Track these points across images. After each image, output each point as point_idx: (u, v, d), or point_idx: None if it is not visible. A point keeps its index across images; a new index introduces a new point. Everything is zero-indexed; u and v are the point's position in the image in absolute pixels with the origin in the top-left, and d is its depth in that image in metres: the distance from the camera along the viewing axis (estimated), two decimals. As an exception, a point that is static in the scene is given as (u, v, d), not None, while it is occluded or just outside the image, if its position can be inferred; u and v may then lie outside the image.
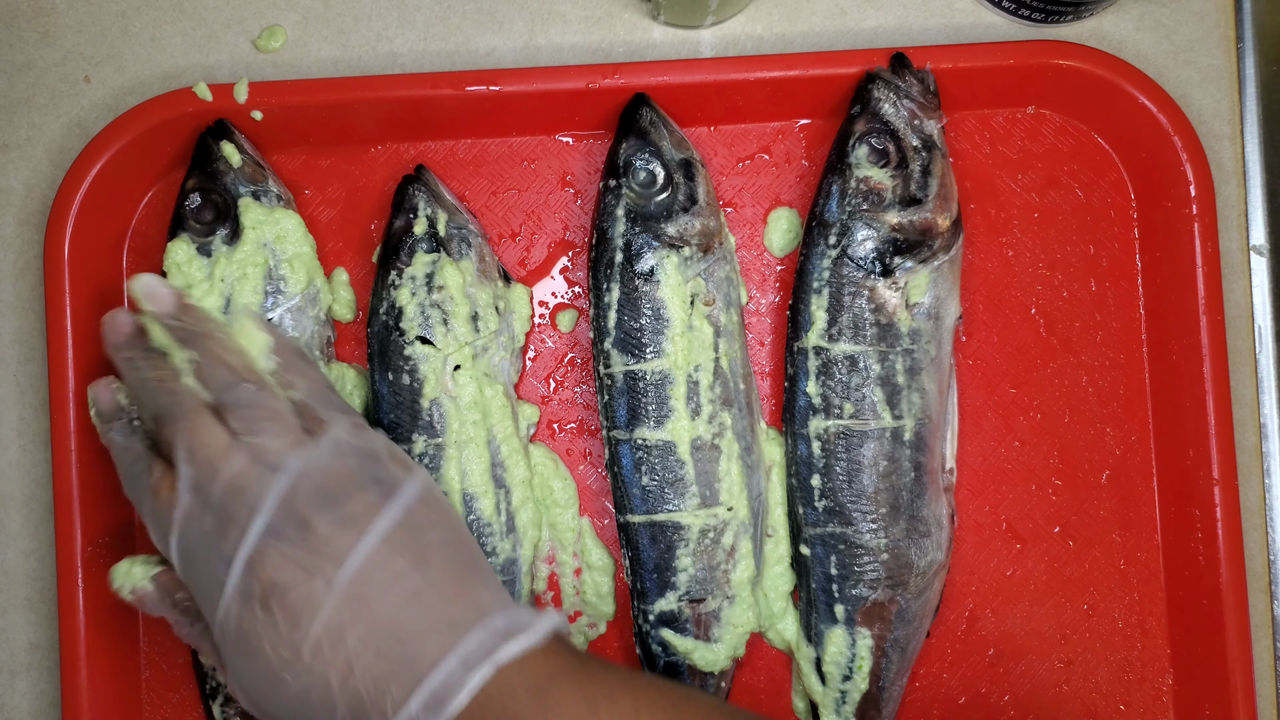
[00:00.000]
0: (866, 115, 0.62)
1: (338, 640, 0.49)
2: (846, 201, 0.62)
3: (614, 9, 0.67)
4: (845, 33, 0.68)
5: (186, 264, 0.62)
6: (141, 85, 0.67)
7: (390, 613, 0.49)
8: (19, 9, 0.67)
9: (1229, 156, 0.68)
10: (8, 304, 0.66)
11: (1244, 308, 0.67)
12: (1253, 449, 0.67)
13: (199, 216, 0.62)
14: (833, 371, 0.61)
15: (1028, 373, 0.66)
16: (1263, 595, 0.66)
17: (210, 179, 0.62)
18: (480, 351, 0.62)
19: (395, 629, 0.49)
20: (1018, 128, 0.67)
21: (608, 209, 0.62)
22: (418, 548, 0.51)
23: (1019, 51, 0.64)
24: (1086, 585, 0.66)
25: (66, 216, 0.62)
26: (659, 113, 0.63)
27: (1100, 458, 0.66)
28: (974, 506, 0.66)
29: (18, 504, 0.66)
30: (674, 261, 0.61)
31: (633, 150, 0.62)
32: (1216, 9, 0.68)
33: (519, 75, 0.63)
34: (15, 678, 0.66)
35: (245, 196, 0.62)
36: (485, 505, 0.61)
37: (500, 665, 0.49)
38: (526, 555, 0.63)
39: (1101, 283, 0.67)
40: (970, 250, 0.66)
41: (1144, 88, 0.64)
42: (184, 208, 0.62)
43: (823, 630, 0.62)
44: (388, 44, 0.67)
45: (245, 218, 0.62)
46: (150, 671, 0.65)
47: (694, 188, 0.62)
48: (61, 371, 0.62)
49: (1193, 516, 0.64)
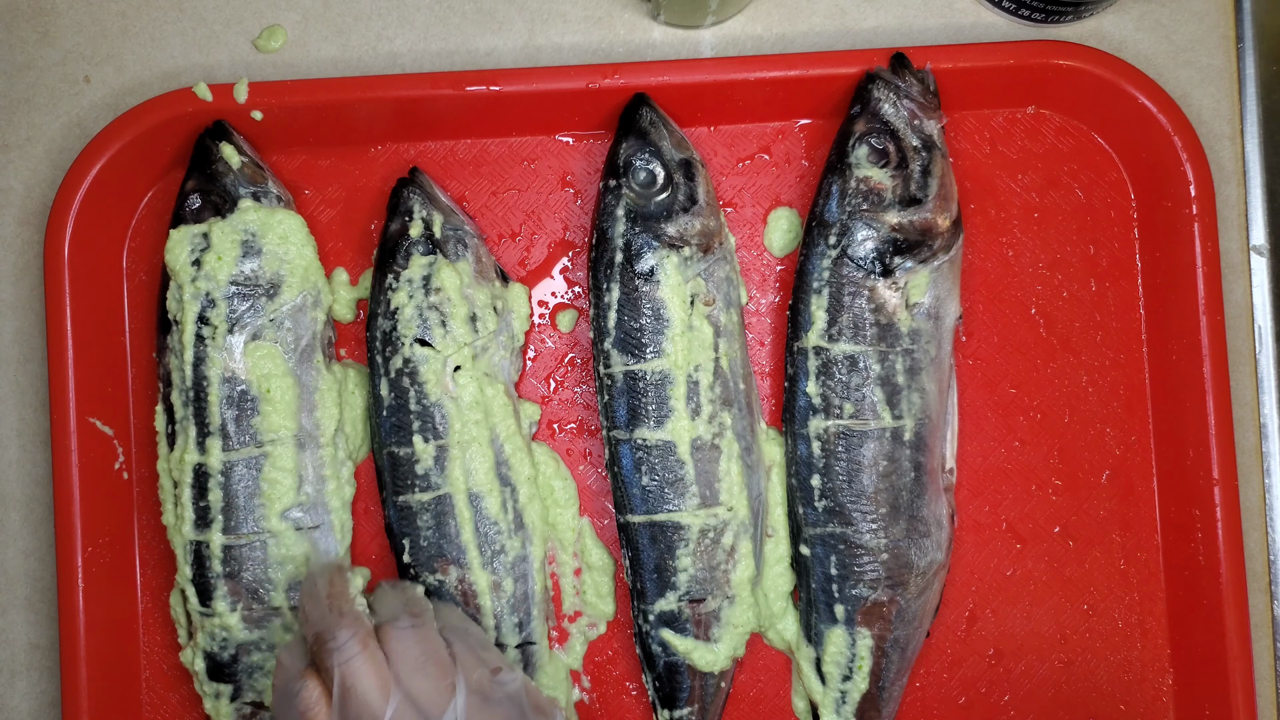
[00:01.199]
0: (866, 115, 0.62)
1: None
2: (846, 201, 0.62)
3: (614, 9, 0.67)
4: (845, 33, 0.68)
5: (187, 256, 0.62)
6: (141, 85, 0.67)
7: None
8: (19, 9, 0.67)
9: (1229, 156, 0.68)
10: (7, 304, 0.66)
11: (1244, 308, 0.67)
12: (1252, 449, 0.67)
13: (199, 217, 0.62)
14: (833, 371, 0.61)
15: (1028, 373, 0.66)
16: (1263, 595, 0.66)
17: (209, 180, 0.62)
18: (480, 352, 0.62)
19: None
20: (1018, 128, 0.67)
21: (608, 209, 0.62)
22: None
23: (1019, 51, 0.64)
24: (1086, 585, 0.66)
25: (66, 216, 0.62)
26: (659, 113, 0.63)
27: (1100, 458, 0.66)
28: (974, 506, 0.66)
29: (17, 504, 0.66)
30: (674, 261, 0.61)
31: (633, 150, 0.62)
32: (1216, 9, 0.68)
33: (519, 75, 0.63)
34: (15, 678, 0.66)
35: (245, 198, 0.62)
36: (492, 504, 0.61)
37: None
38: (537, 553, 0.63)
39: (1101, 283, 0.67)
40: (970, 250, 0.66)
41: (1144, 88, 0.64)
42: (184, 209, 0.62)
43: (823, 630, 0.62)
44: (388, 44, 0.67)
45: (245, 219, 0.62)
46: (150, 671, 0.65)
47: (694, 188, 0.62)
48: (61, 371, 0.62)
49: (1193, 516, 0.64)
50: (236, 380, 0.61)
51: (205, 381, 0.60)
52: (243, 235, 0.61)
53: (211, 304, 0.61)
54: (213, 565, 0.60)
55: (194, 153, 0.62)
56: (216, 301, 0.61)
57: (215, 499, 0.60)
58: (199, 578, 0.61)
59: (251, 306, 0.61)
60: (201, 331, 0.60)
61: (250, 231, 0.61)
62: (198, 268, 0.61)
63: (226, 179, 0.62)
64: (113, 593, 0.63)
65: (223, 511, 0.60)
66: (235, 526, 0.60)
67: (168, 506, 0.62)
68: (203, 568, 0.60)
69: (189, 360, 0.60)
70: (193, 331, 0.60)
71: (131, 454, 0.65)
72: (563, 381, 0.66)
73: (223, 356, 0.60)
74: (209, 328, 0.60)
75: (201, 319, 0.60)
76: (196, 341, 0.60)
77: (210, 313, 0.60)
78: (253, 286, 0.61)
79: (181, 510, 0.61)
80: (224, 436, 0.60)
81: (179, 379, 0.61)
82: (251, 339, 0.61)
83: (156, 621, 0.65)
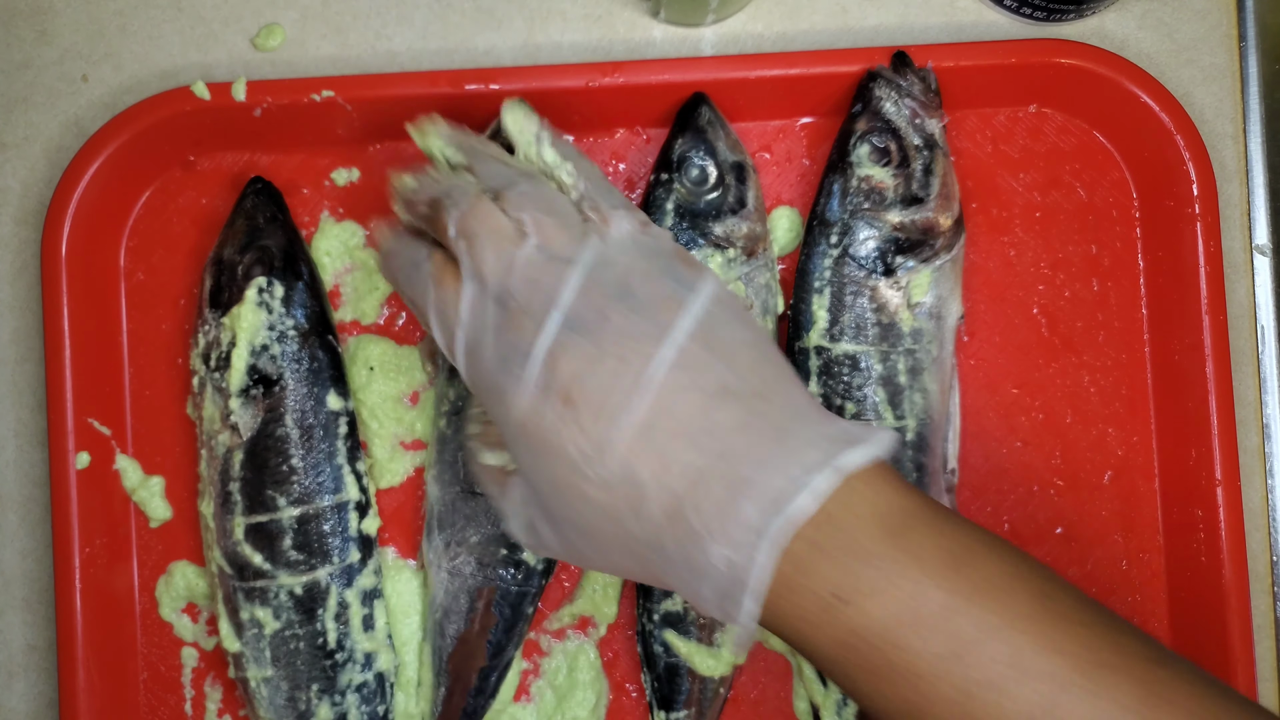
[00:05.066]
0: (868, 114, 0.62)
1: (648, 434, 0.44)
2: (848, 200, 0.61)
3: (614, 7, 0.67)
4: (846, 31, 0.67)
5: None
6: (139, 84, 0.67)
7: (703, 408, 0.44)
8: (16, 8, 0.67)
9: (1232, 155, 0.68)
10: (5, 304, 0.66)
11: (1247, 307, 0.67)
12: (1255, 449, 0.66)
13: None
14: (834, 371, 0.61)
15: (1030, 373, 0.66)
16: (1265, 596, 0.66)
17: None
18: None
19: (711, 425, 0.44)
20: (1020, 126, 0.67)
21: (657, 202, 0.62)
22: (723, 345, 0.46)
23: (1021, 50, 0.64)
24: (1088, 586, 0.65)
25: (64, 216, 0.62)
26: (717, 113, 0.63)
27: (1102, 458, 0.66)
28: (976, 507, 0.66)
29: (15, 504, 0.66)
30: (718, 261, 0.61)
31: (688, 147, 0.62)
32: (1219, 7, 0.68)
33: (518, 74, 0.63)
34: (12, 679, 0.65)
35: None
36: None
37: (845, 473, 0.43)
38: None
39: (1104, 282, 0.67)
40: (972, 250, 0.66)
41: (1146, 86, 0.64)
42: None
43: (824, 631, 0.62)
44: (386, 42, 0.67)
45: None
46: (148, 672, 0.65)
47: (744, 191, 0.62)
48: (59, 371, 0.62)
49: (1195, 517, 0.63)
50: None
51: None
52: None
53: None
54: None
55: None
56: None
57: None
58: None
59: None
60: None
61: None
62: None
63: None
64: (110, 594, 0.63)
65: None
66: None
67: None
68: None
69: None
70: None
71: (129, 454, 0.64)
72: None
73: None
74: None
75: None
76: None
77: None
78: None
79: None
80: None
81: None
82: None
83: (155, 622, 0.65)
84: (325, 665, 0.60)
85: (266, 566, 0.60)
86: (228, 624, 0.61)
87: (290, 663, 0.60)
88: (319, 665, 0.60)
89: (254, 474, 0.60)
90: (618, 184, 0.66)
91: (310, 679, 0.60)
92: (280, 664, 0.60)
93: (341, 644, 0.61)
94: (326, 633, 0.60)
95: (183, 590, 0.64)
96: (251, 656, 0.60)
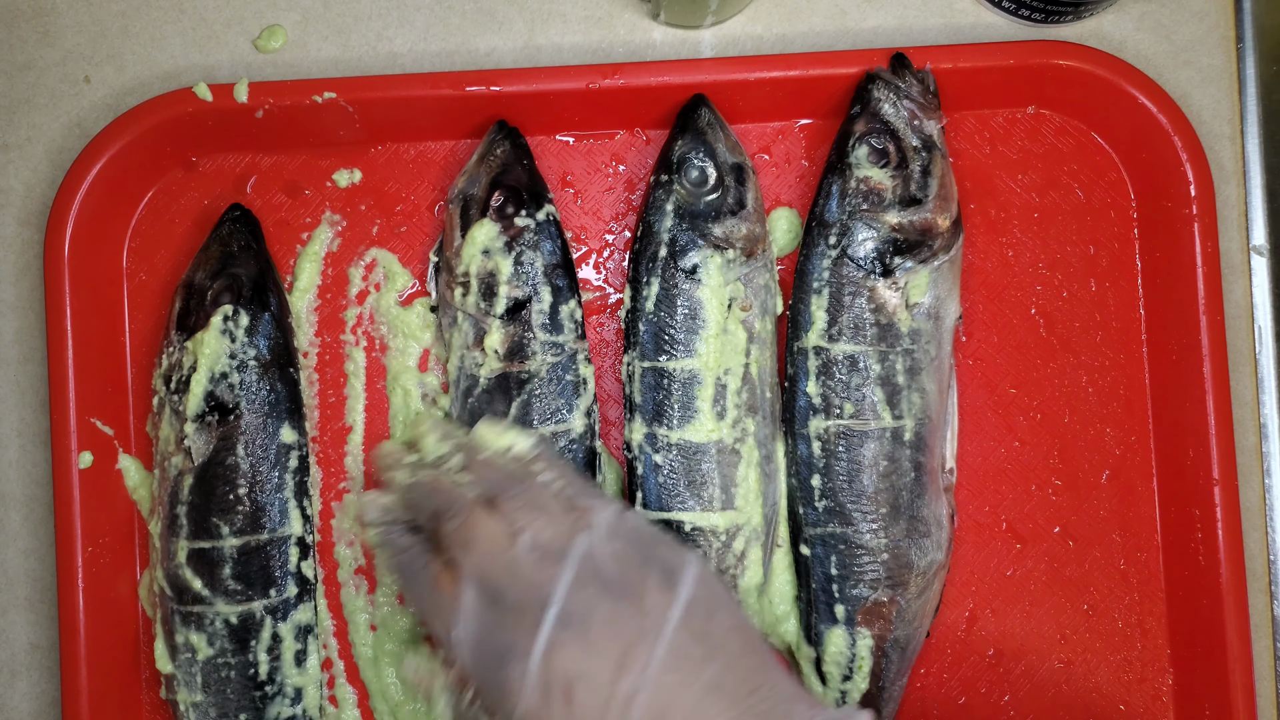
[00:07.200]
0: (866, 115, 0.62)
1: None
2: (846, 201, 0.62)
3: (614, 9, 0.67)
4: (845, 33, 0.68)
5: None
6: (141, 85, 0.67)
7: (696, 704, 0.48)
8: (19, 9, 0.67)
9: (1229, 156, 0.68)
10: (8, 304, 0.66)
11: (1244, 308, 0.67)
12: (1253, 449, 0.67)
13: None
14: (833, 371, 0.61)
15: (1028, 373, 0.66)
16: (1262, 595, 0.66)
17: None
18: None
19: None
20: (1018, 128, 0.67)
21: (656, 203, 0.63)
22: (709, 634, 0.51)
23: (1019, 52, 0.64)
24: (1086, 585, 0.66)
25: (66, 217, 0.62)
26: (717, 115, 0.63)
27: (1100, 458, 0.66)
28: (974, 506, 0.66)
29: (17, 504, 0.66)
30: (717, 262, 0.62)
31: (688, 148, 0.62)
32: (1216, 9, 0.68)
33: (519, 75, 0.63)
34: (15, 678, 0.66)
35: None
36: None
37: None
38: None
39: (1101, 283, 0.67)
40: (970, 250, 0.66)
41: (1144, 88, 0.64)
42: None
43: (823, 630, 0.62)
44: (388, 44, 0.67)
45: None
46: (150, 672, 0.65)
47: (744, 192, 0.62)
48: (61, 371, 0.62)
49: (1193, 516, 0.64)
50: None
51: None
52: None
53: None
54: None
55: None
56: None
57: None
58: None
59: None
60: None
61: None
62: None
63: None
64: (113, 593, 0.63)
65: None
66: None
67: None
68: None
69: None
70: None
71: (131, 453, 0.65)
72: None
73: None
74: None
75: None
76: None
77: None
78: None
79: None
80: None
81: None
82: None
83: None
84: (255, 696, 0.61)
85: (205, 593, 0.60)
86: (163, 645, 0.61)
87: (220, 690, 0.60)
88: (249, 695, 0.61)
89: (201, 499, 0.60)
90: (618, 185, 0.67)
91: (239, 708, 0.61)
92: (211, 690, 0.60)
93: (272, 677, 0.61)
94: (258, 664, 0.61)
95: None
96: (183, 680, 0.61)
